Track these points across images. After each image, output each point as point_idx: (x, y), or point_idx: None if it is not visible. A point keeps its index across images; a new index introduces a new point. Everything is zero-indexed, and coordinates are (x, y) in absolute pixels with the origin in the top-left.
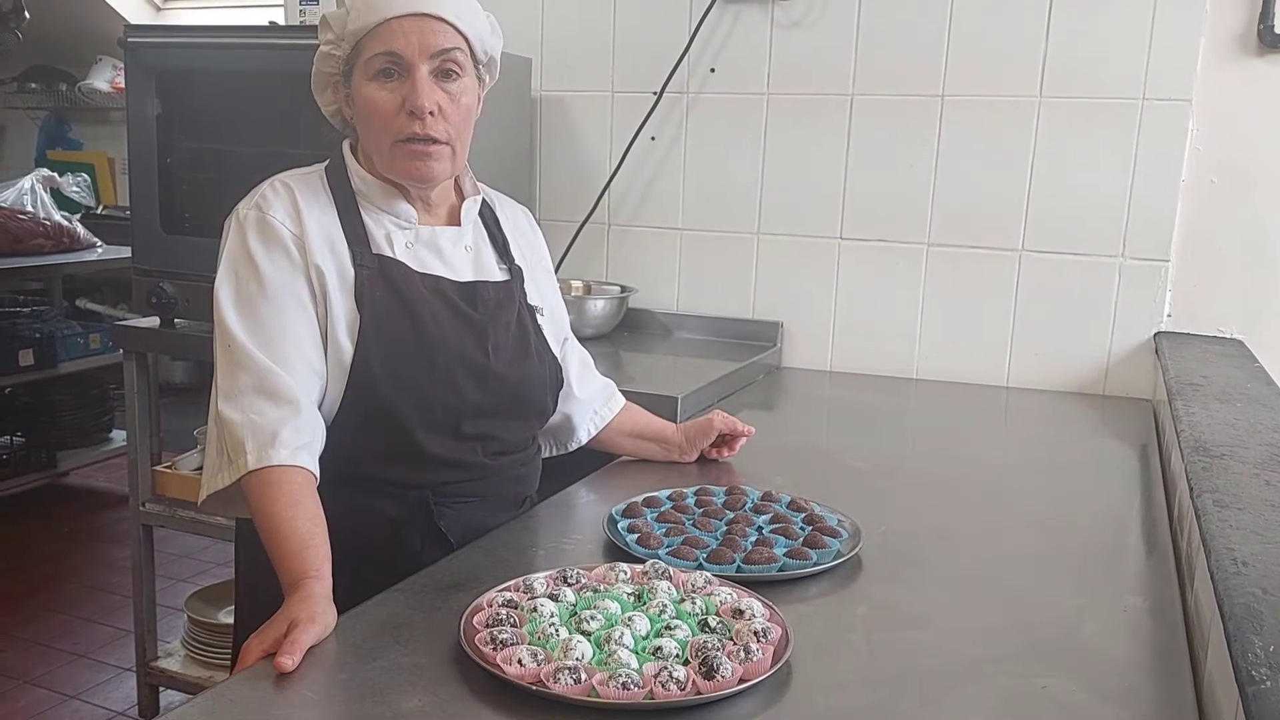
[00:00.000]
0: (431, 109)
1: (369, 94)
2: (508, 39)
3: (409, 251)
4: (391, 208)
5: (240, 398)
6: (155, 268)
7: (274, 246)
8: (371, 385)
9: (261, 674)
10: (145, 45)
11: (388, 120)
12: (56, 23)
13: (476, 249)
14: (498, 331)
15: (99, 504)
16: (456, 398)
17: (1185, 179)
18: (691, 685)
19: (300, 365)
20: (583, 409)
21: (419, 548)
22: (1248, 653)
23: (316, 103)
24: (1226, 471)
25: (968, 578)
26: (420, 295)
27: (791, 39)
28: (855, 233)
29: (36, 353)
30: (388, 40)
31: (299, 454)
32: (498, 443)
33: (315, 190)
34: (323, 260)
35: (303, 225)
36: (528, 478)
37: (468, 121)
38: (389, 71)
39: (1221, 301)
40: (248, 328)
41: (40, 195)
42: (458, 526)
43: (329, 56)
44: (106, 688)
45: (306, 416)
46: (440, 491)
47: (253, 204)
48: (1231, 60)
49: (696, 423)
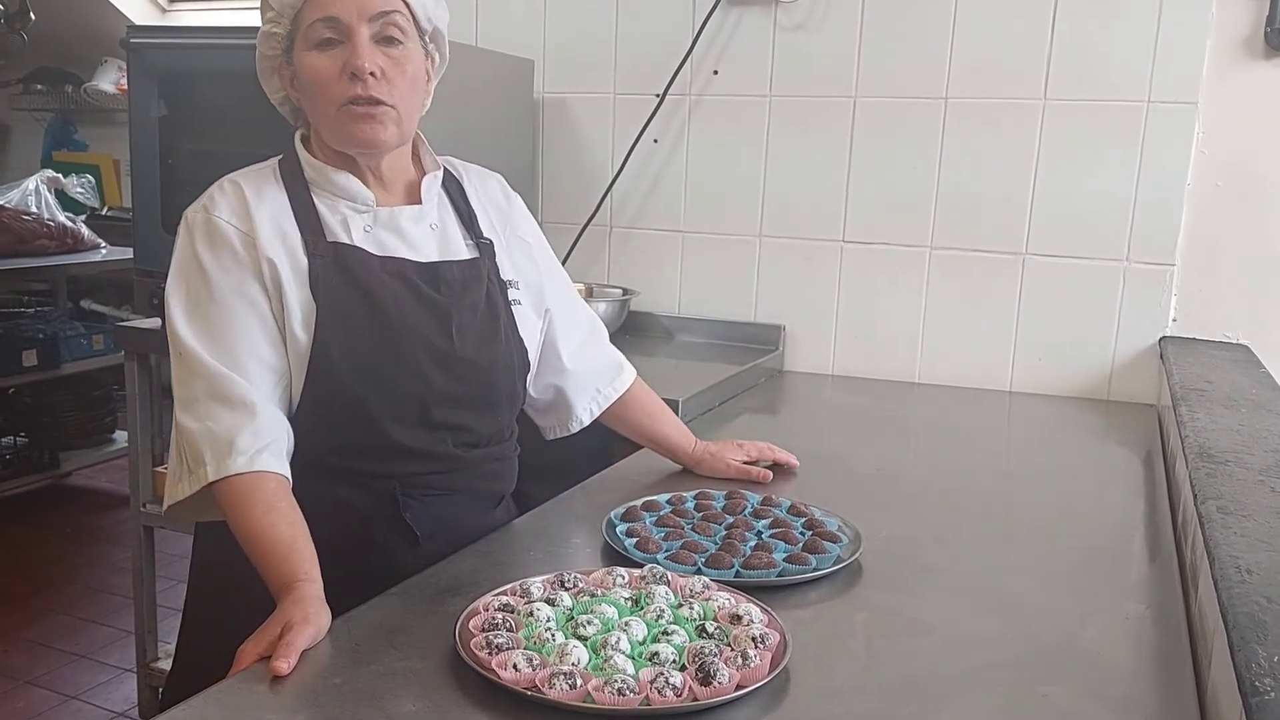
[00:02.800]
0: (373, 70)
1: (310, 62)
2: (510, 41)
3: (367, 236)
4: (346, 192)
5: (196, 405)
6: (157, 268)
7: (221, 248)
8: (332, 375)
9: (255, 677)
10: (147, 46)
11: (329, 86)
12: (62, 24)
13: (442, 225)
14: (462, 314)
15: (101, 505)
16: (423, 385)
17: (1191, 183)
18: (688, 691)
19: (254, 366)
20: (580, 384)
21: (383, 540)
22: (1251, 663)
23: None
24: (1231, 478)
25: (969, 584)
26: (379, 280)
27: (794, 41)
28: (858, 236)
29: (40, 353)
30: (325, 6)
31: (258, 458)
32: (469, 433)
33: (266, 183)
34: (274, 253)
35: (251, 221)
36: (502, 474)
37: (414, 91)
38: (329, 39)
39: (1227, 306)
40: (198, 334)
41: (45, 196)
42: (424, 519)
43: (270, 36)
44: (107, 688)
45: (265, 418)
46: (408, 482)
47: (200, 207)
48: (1238, 63)
49: (714, 454)
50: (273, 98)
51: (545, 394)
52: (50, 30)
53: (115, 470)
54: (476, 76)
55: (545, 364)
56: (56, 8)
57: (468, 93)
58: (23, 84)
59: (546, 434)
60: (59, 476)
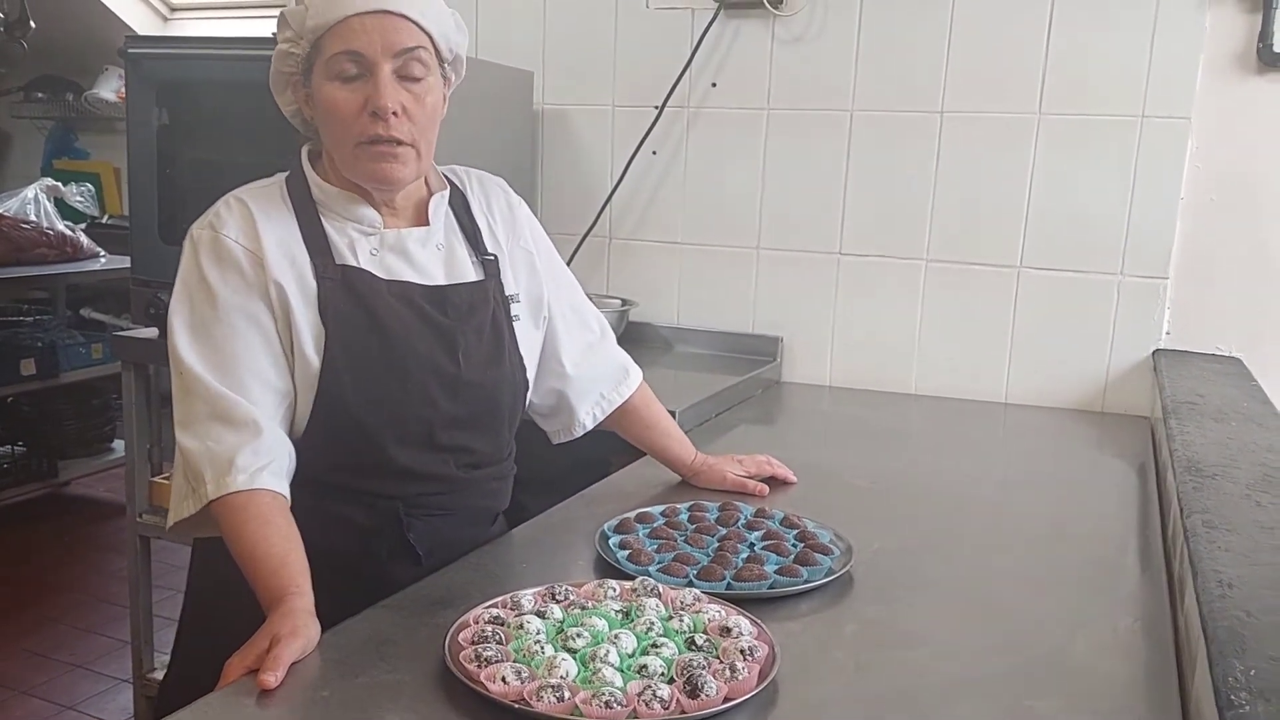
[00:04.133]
0: (395, 109)
1: (330, 94)
2: (510, 53)
3: (374, 259)
4: (353, 214)
5: (196, 425)
6: (154, 278)
7: (227, 267)
8: (341, 399)
9: (243, 690)
10: (146, 56)
11: (349, 121)
12: (63, 33)
13: (449, 246)
14: (468, 337)
15: (100, 514)
16: (429, 409)
17: (1184, 197)
18: (675, 704)
19: (257, 387)
20: (582, 389)
21: (385, 559)
22: (1228, 676)
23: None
24: (1218, 491)
25: (960, 596)
26: (386, 304)
27: (792, 55)
28: (855, 248)
29: (38, 362)
30: (349, 38)
31: (258, 476)
32: (471, 454)
33: (274, 202)
34: (282, 275)
35: (259, 241)
36: (499, 493)
37: (433, 122)
38: (351, 71)
39: (1220, 319)
40: (200, 353)
41: (44, 205)
42: (426, 539)
43: (287, 55)
44: (103, 699)
45: (266, 438)
46: (411, 503)
47: (206, 224)
48: (1231, 78)
49: (713, 467)
50: (285, 109)
51: (548, 399)
52: (51, 38)
53: (113, 479)
54: (476, 88)
55: (547, 369)
56: (58, 16)
57: (467, 104)
58: (23, 92)
59: (551, 438)
60: (57, 485)
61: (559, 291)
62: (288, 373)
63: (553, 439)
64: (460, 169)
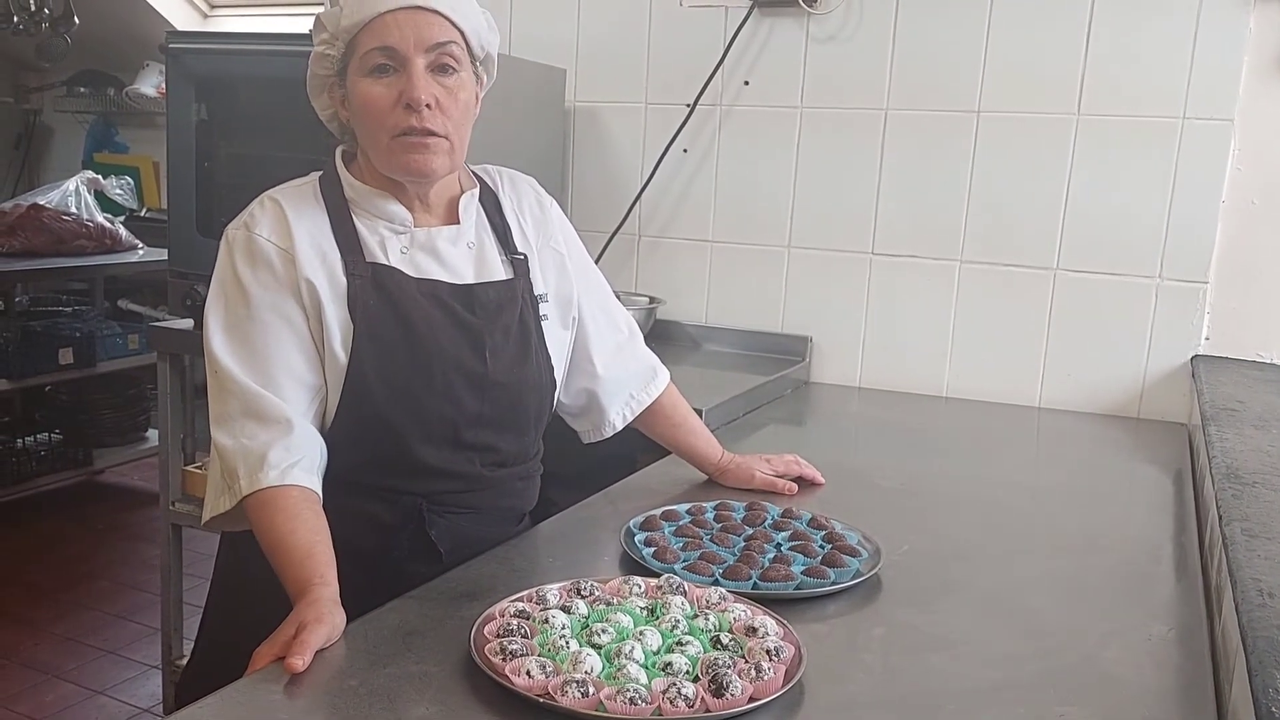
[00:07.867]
0: (429, 101)
1: (364, 90)
2: (543, 50)
3: (404, 257)
4: (385, 212)
5: (230, 423)
6: (191, 270)
7: (260, 265)
8: (367, 395)
9: (271, 677)
10: (186, 51)
11: (384, 115)
12: (105, 28)
13: (479, 244)
14: (495, 336)
15: (133, 502)
16: (454, 408)
17: (1225, 200)
18: (700, 703)
19: (289, 384)
20: (613, 389)
21: (407, 556)
22: (1269, 687)
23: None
24: (1258, 500)
25: (990, 601)
26: (415, 301)
27: (826, 53)
28: (887, 248)
29: (76, 352)
30: (382, 35)
31: (289, 473)
32: (496, 454)
33: (306, 201)
34: (313, 273)
35: (291, 239)
36: (525, 493)
37: (466, 117)
38: (384, 66)
39: (1261, 326)
40: (234, 351)
41: (84, 197)
42: (448, 537)
43: (324, 57)
44: (133, 684)
45: (299, 434)
46: (435, 500)
47: (240, 224)
48: (1275, 81)
49: (741, 466)
50: (321, 114)
51: (578, 399)
52: (93, 33)
53: (148, 468)
54: (508, 85)
55: (578, 369)
56: (100, 11)
57: (499, 101)
58: (66, 86)
59: (582, 438)
60: (92, 473)
61: (589, 293)
62: (319, 368)
63: (583, 439)
64: (491, 168)
